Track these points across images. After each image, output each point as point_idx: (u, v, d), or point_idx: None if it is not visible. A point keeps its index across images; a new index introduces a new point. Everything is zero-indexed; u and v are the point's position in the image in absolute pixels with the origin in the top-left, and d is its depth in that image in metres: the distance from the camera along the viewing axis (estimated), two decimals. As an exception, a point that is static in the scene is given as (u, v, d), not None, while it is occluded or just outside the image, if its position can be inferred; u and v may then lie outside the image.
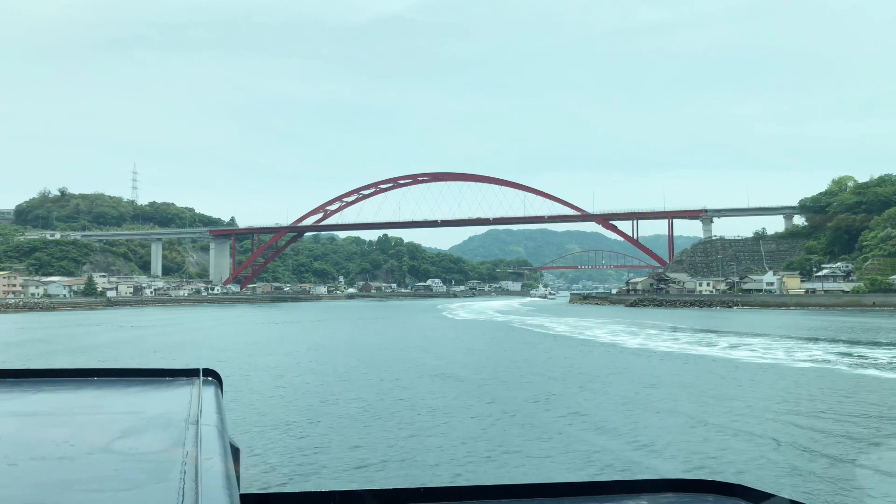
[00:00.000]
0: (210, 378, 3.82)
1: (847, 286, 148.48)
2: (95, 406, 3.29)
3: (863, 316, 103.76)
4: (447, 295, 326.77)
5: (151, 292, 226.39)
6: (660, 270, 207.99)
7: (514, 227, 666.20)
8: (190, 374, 3.89)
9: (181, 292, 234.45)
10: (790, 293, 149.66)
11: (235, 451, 2.82)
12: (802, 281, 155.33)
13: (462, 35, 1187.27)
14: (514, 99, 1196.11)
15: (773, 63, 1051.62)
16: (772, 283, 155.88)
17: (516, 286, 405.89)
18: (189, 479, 2.10)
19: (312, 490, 2.56)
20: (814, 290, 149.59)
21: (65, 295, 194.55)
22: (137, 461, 2.35)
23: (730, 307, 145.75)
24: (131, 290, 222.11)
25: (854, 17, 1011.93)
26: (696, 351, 49.97)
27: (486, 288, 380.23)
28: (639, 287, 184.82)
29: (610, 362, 43.73)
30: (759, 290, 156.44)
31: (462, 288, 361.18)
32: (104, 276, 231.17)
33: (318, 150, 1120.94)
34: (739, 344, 55.11)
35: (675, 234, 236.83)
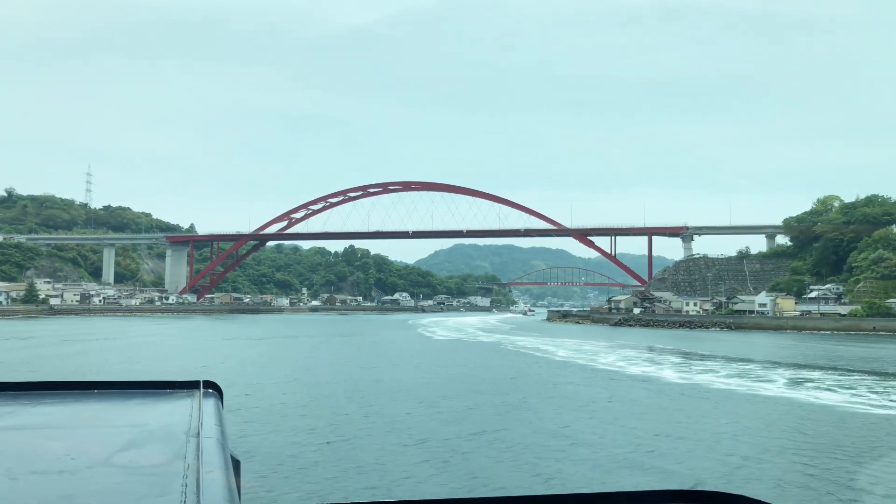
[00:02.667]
0: (210, 390, 3.83)
1: (843, 309, 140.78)
2: (96, 419, 3.30)
3: (877, 342, 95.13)
4: (415, 309, 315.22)
5: (100, 301, 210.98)
6: (641, 289, 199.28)
7: (481, 242, 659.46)
8: (190, 386, 3.92)
9: (133, 301, 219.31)
10: (784, 315, 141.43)
11: (236, 464, 2.81)
12: (796, 303, 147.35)
13: (429, 50, 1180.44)
14: (480, 115, 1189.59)
15: (735, 87, 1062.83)
16: (764, 305, 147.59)
17: (485, 302, 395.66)
18: (190, 492, 2.09)
19: (316, 503, 2.81)
20: (809, 313, 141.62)
21: (1, 301, 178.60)
22: (139, 474, 2.35)
23: (723, 329, 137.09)
24: (78, 297, 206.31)
25: (812, 48, 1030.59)
26: (767, 391, 39.44)
27: (455, 303, 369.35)
28: (622, 305, 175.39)
29: (683, 411, 32.91)
30: (751, 312, 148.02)
31: (430, 302, 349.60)
32: (49, 282, 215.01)
33: (283, 162, 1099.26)
34: (801, 379, 44.94)
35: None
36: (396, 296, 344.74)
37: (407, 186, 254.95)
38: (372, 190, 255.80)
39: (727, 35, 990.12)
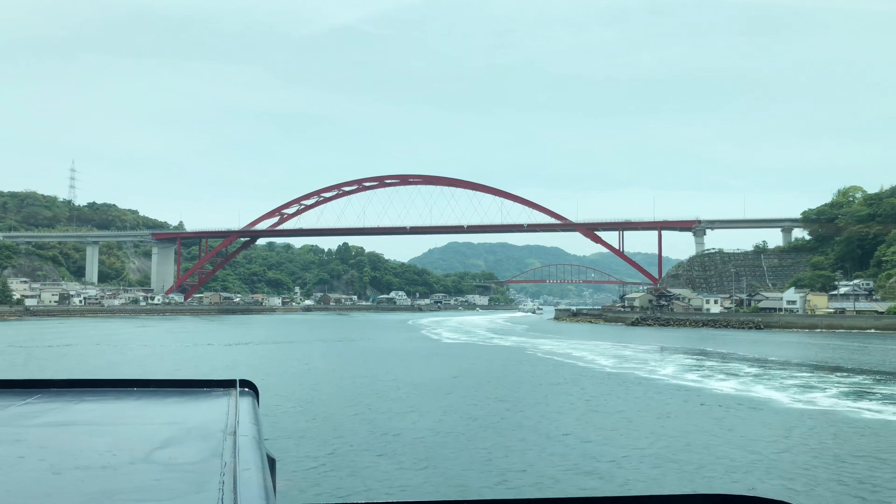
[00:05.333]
0: (247, 389, 3.89)
1: (880, 306, 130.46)
2: (136, 416, 3.39)
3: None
4: (412, 308, 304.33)
5: (81, 301, 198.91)
6: (654, 286, 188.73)
7: (475, 241, 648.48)
8: (227, 385, 3.98)
9: (115, 301, 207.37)
10: (816, 313, 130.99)
11: (272, 462, 2.86)
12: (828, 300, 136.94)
13: (417, 49, 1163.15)
14: (472, 114, 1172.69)
15: (723, 86, 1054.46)
16: (794, 302, 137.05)
17: (483, 300, 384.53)
18: (228, 490, 2.12)
19: (347, 502, 2.87)
20: (843, 311, 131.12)
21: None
22: (177, 471, 2.39)
23: (751, 328, 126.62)
24: (57, 298, 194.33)
25: (810, 41, 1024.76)
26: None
27: (452, 301, 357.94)
28: (636, 304, 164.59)
29: None
30: (778, 310, 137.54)
31: (427, 301, 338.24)
32: (26, 281, 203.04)
33: (274, 161, 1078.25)
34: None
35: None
36: (392, 294, 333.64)
37: (404, 180, 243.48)
38: (367, 184, 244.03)
39: (718, 30, 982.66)
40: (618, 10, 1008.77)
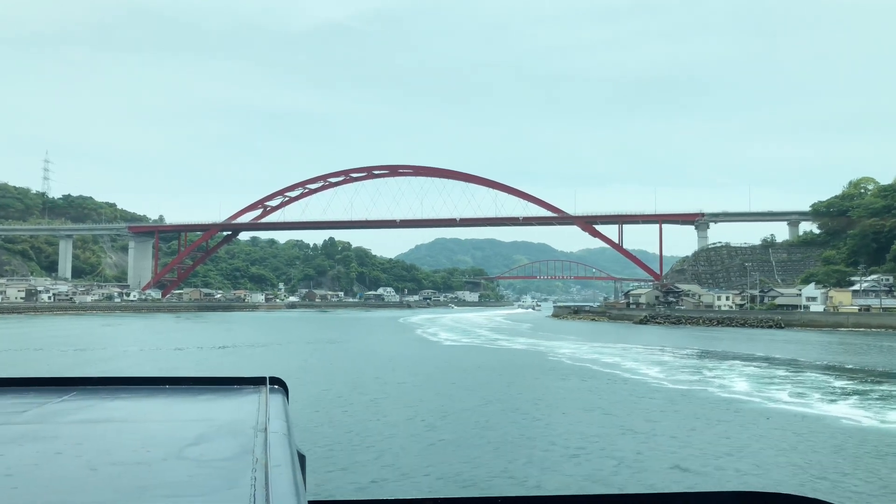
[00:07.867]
0: (276, 386, 3.89)
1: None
2: (168, 413, 3.46)
3: None
4: (400, 305, 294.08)
5: (50, 297, 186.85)
6: (656, 282, 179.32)
7: (462, 236, 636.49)
8: (257, 382, 4.00)
9: (88, 298, 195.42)
10: (840, 311, 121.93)
11: (302, 458, 2.87)
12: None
13: (404, 46, 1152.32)
14: (460, 113, 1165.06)
15: (722, 83, 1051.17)
16: (814, 298, 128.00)
17: (473, 297, 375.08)
18: (259, 486, 2.14)
19: (378, 498, 2.79)
20: (868, 308, 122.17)
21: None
22: (209, 467, 2.42)
23: (771, 327, 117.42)
24: (23, 294, 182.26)
25: (798, 39, 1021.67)
26: None
27: (442, 298, 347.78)
28: (642, 300, 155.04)
29: None
30: (797, 306, 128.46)
31: (415, 298, 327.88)
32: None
33: (257, 157, 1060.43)
34: None
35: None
36: (380, 291, 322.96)
37: (394, 171, 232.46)
38: (355, 175, 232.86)
39: (717, 27, 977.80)
40: (612, 7, 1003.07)
